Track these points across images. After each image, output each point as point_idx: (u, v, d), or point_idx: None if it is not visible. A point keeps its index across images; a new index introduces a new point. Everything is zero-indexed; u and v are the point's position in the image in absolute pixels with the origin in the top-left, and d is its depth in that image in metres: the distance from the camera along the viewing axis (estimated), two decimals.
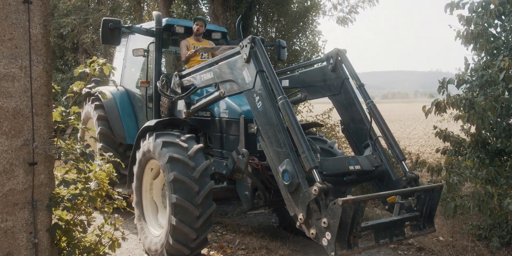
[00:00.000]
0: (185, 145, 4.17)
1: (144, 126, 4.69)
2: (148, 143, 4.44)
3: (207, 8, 9.02)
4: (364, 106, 4.28)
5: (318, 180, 3.12)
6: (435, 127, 6.08)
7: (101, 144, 5.97)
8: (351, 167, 3.67)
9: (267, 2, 9.17)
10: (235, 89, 4.01)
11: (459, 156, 5.44)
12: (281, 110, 3.48)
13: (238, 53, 3.95)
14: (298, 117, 9.47)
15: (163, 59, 10.68)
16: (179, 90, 5.01)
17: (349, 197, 2.90)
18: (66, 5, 13.11)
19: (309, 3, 9.30)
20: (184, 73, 5.01)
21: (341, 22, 12.60)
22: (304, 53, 9.94)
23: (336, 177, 3.60)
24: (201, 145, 4.26)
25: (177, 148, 4.14)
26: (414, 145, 15.54)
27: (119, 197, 3.38)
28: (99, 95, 4.82)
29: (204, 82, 4.51)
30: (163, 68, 11.51)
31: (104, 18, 5.01)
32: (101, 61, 3.12)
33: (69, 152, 2.96)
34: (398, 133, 20.46)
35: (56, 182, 3.10)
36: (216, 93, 4.31)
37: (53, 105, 3.07)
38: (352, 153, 4.67)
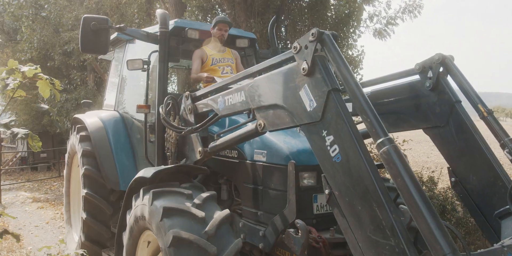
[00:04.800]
0: (200, 214, 2.51)
1: (136, 176, 3.06)
2: (142, 205, 2.81)
3: (226, 14, 7.53)
4: (492, 147, 2.63)
5: None
6: None
7: (85, 191, 4.36)
8: None
9: (299, 8, 7.61)
10: (284, 121, 2.37)
11: None
12: (385, 165, 1.83)
13: (290, 59, 2.34)
14: None
15: (173, 77, 9.06)
16: (191, 119, 3.41)
17: None
18: (68, 18, 11.83)
19: (352, 8, 7.63)
20: (199, 93, 3.41)
21: (378, 35, 11.01)
22: None
23: None
24: (227, 212, 2.60)
25: (187, 219, 2.49)
26: None
27: None
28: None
29: (230, 107, 2.88)
30: (172, 88, 9.84)
31: (85, 15, 3.47)
32: (24, 69, 1.52)
33: None
34: None
35: None
36: (251, 126, 2.67)
37: None
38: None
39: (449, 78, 2.83)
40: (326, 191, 2.09)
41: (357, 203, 1.92)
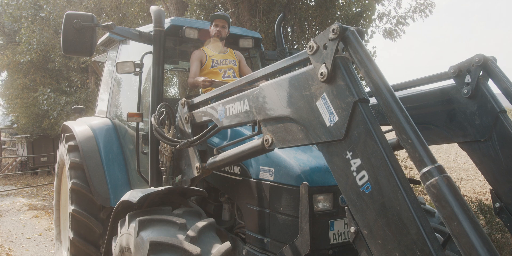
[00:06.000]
0: (195, 250, 2.07)
1: (122, 199, 2.63)
2: (128, 235, 2.38)
3: (229, 14, 7.10)
4: None
5: None
6: None
7: (72, 208, 3.94)
8: None
9: (306, 6, 7.16)
10: (297, 138, 1.93)
11: None
12: (434, 202, 1.39)
13: (304, 61, 1.91)
14: None
15: (175, 79, 8.60)
16: (188, 129, 2.98)
17: None
18: None
19: (362, 6, 7.18)
20: (196, 100, 2.98)
21: (388, 35, 10.56)
22: None
23: None
24: (227, 247, 2.16)
25: (178, 255, 2.07)
26: None
27: None
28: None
29: (232, 118, 2.45)
30: (174, 90, 9.41)
31: (67, 12, 3.05)
32: None
33: None
34: None
35: None
36: (256, 141, 2.24)
37: None
38: None
39: (490, 84, 2.40)
40: (352, 229, 1.66)
41: (394, 248, 1.48)
